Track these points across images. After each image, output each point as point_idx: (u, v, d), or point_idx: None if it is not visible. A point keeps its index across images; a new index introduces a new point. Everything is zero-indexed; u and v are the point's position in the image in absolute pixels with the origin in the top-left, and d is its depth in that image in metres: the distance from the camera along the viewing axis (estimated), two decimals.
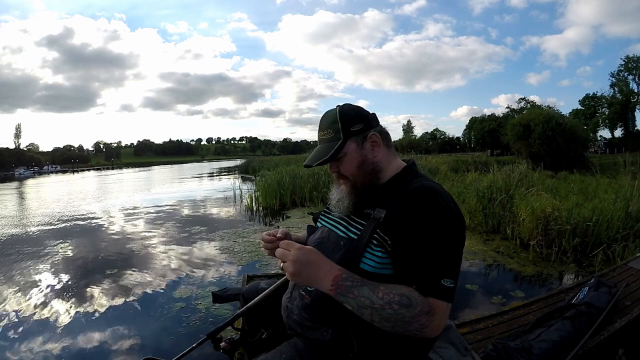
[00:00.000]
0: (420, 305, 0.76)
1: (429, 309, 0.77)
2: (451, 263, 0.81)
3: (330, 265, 0.82)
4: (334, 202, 0.98)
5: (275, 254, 0.87)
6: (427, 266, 0.79)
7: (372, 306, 0.77)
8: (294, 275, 0.80)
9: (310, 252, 0.82)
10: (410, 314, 0.76)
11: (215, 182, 18.63)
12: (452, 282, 0.79)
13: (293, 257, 0.80)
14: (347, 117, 0.93)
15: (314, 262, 0.81)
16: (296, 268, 0.80)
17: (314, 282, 0.81)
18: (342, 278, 0.79)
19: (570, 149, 18.12)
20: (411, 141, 50.19)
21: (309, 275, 0.80)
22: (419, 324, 0.76)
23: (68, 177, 37.82)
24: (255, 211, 7.91)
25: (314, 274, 0.80)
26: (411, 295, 0.77)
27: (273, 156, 59.16)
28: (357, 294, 0.78)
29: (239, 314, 1.08)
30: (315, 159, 0.94)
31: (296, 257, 0.80)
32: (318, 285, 0.81)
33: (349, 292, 0.78)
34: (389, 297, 0.77)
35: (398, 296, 0.77)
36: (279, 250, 0.84)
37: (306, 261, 0.80)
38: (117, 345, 2.37)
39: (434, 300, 0.78)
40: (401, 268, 0.83)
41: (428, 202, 0.82)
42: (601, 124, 46.90)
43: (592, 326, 1.45)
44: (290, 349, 0.92)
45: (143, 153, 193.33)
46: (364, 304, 0.77)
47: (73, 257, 4.60)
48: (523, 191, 5.29)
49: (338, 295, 0.79)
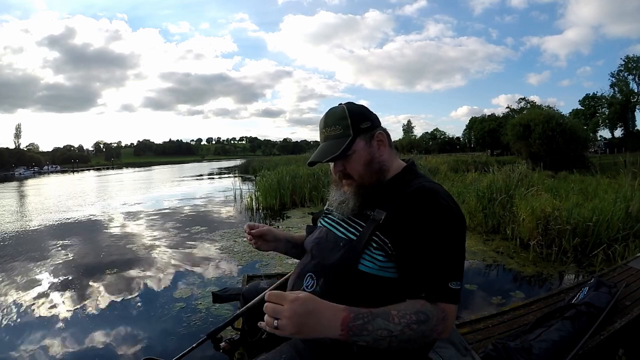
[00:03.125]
0: (435, 316, 0.76)
1: (442, 315, 0.77)
2: (456, 265, 0.80)
3: (334, 308, 0.72)
4: (336, 204, 0.94)
5: (266, 307, 0.71)
6: (434, 271, 0.78)
7: (390, 335, 0.72)
8: (296, 333, 0.68)
9: (307, 299, 0.70)
10: (429, 328, 0.75)
11: (215, 182, 18.62)
12: (458, 284, 0.79)
13: (289, 313, 0.68)
14: (356, 113, 0.92)
15: (314, 310, 0.69)
16: (296, 324, 0.67)
17: (320, 333, 0.70)
18: (350, 318, 0.71)
19: (570, 149, 18.13)
20: (411, 141, 50.31)
21: (313, 327, 0.69)
22: (437, 332, 0.76)
23: (68, 177, 37.83)
24: (255, 211, 7.91)
25: (318, 324, 0.69)
26: (425, 309, 0.76)
27: (273, 156, 59.17)
28: (372, 329, 0.71)
29: (239, 314, 1.08)
30: (324, 156, 0.90)
31: (292, 312, 0.68)
32: (325, 334, 0.70)
33: (363, 330, 0.71)
34: (406, 319, 0.73)
35: (414, 315, 0.74)
36: (269, 306, 0.69)
37: (305, 312, 0.68)
38: (117, 345, 2.37)
39: (445, 305, 0.77)
40: (406, 272, 0.81)
41: (429, 203, 0.82)
42: (601, 124, 46.90)
43: (592, 326, 1.45)
44: (290, 349, 0.92)
45: (143, 153, 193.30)
46: (381, 335, 0.71)
47: (73, 257, 4.59)
48: (523, 191, 5.29)
49: (351, 337, 0.71)
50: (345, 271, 0.84)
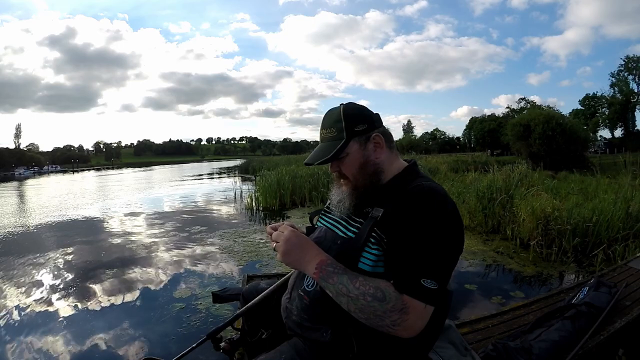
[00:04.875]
0: (393, 302, 0.76)
1: (402, 306, 0.76)
2: (438, 264, 0.79)
3: (319, 251, 0.86)
4: (335, 202, 0.97)
5: (273, 232, 0.92)
6: (409, 263, 0.78)
7: (348, 294, 0.79)
8: (284, 254, 0.86)
9: (303, 236, 0.89)
10: (382, 309, 0.76)
11: (215, 182, 18.61)
12: (434, 283, 0.77)
13: (285, 237, 0.87)
14: (352, 116, 0.92)
15: (304, 245, 0.87)
16: (287, 247, 0.86)
17: (300, 263, 0.86)
18: (325, 263, 0.83)
19: (570, 149, 18.10)
20: (411, 141, 50.23)
21: (298, 256, 0.86)
22: (390, 320, 0.76)
23: (68, 177, 37.81)
24: (255, 211, 7.91)
25: (302, 255, 0.85)
26: (386, 290, 0.77)
27: (273, 156, 59.25)
28: (337, 280, 0.81)
29: (239, 314, 1.08)
30: (317, 158, 0.93)
31: (288, 237, 0.87)
32: (304, 267, 0.86)
33: (330, 277, 0.82)
34: (365, 288, 0.78)
35: (373, 289, 0.78)
36: (275, 232, 0.90)
37: (297, 242, 0.86)
38: (117, 345, 2.37)
39: (409, 299, 0.76)
40: (389, 264, 0.83)
41: (425, 202, 0.82)
42: (601, 124, 46.96)
43: (592, 326, 1.45)
44: (290, 349, 0.92)
45: (143, 153, 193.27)
46: (341, 291, 0.80)
47: (73, 257, 4.59)
48: (523, 191, 5.29)
49: (320, 279, 0.83)
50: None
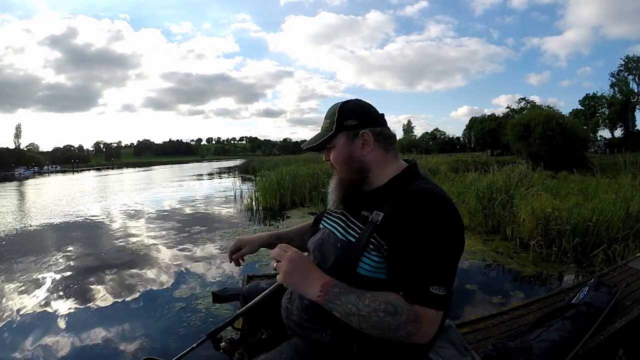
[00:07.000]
0: (406, 314, 0.76)
1: (415, 317, 0.76)
2: (443, 269, 0.79)
3: (322, 274, 0.84)
4: (329, 192, 1.00)
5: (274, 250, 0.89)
6: (417, 273, 0.78)
7: (359, 313, 0.77)
8: (286, 274, 0.82)
9: (305, 257, 0.87)
10: (396, 322, 0.76)
11: (215, 182, 18.61)
12: (442, 289, 0.77)
13: (289, 257, 0.83)
14: (346, 111, 0.95)
15: (307, 267, 0.84)
16: (290, 267, 0.82)
17: (303, 285, 0.82)
18: (331, 285, 0.81)
19: (570, 149, 18.09)
20: (411, 141, 50.23)
21: (300, 277, 0.82)
22: (406, 331, 0.76)
23: (68, 177, 37.81)
24: (255, 211, 7.91)
25: (305, 277, 0.82)
26: (397, 303, 0.77)
27: (273, 156, 59.28)
28: (345, 300, 0.79)
29: (239, 314, 1.08)
30: (308, 144, 1.00)
31: (292, 257, 0.83)
32: (307, 290, 0.82)
33: (337, 298, 0.79)
34: (375, 304, 0.77)
35: (384, 304, 0.77)
36: (276, 250, 0.86)
37: (300, 263, 0.83)
38: (117, 345, 2.37)
39: (421, 308, 0.76)
40: (394, 273, 0.82)
41: (424, 206, 0.81)
42: (601, 124, 47.00)
43: (592, 326, 1.45)
44: (290, 349, 0.92)
45: (143, 153, 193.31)
46: (351, 311, 0.78)
47: (73, 257, 4.59)
48: (523, 191, 5.29)
49: (326, 302, 0.80)
50: (344, 273, 0.85)
